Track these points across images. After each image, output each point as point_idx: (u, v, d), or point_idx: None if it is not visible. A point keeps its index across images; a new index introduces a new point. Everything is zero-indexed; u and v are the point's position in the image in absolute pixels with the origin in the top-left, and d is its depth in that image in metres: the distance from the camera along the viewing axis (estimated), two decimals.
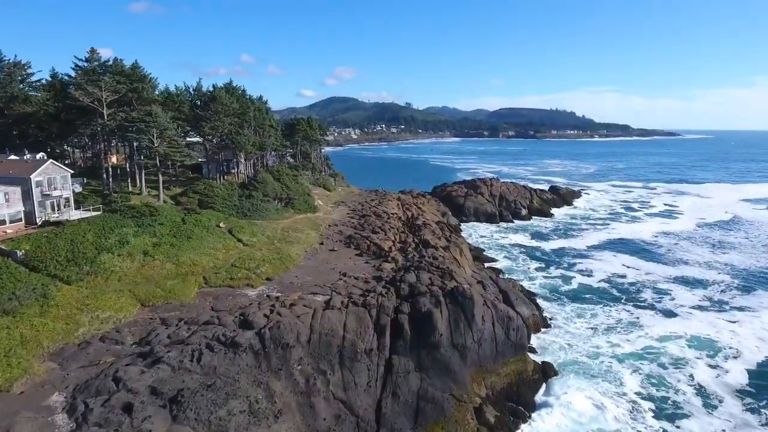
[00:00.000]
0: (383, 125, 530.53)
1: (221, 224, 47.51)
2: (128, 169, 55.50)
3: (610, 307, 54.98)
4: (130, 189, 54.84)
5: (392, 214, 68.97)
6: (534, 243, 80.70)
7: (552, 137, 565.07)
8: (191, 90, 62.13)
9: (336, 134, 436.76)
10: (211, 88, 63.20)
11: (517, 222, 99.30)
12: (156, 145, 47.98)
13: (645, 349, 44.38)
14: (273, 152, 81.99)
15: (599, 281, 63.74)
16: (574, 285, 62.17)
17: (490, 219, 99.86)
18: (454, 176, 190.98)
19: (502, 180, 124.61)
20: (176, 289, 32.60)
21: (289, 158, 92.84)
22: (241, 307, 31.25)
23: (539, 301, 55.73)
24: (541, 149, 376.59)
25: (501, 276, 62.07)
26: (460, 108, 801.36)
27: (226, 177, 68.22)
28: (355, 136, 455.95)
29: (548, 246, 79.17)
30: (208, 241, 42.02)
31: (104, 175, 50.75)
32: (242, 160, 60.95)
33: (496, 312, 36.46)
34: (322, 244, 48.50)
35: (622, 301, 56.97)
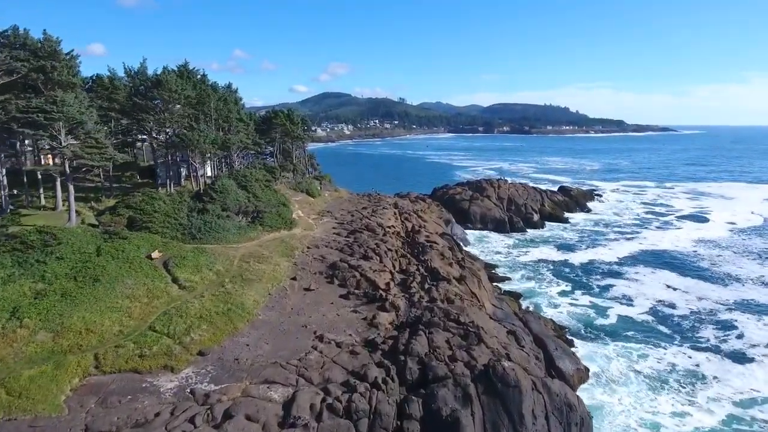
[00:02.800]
0: (377, 121, 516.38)
1: (155, 254, 34.38)
2: (38, 176, 41.96)
3: (664, 349, 43.02)
4: (43, 203, 41.41)
5: (389, 227, 56.15)
6: (559, 257, 68.21)
7: (548, 133, 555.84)
8: (133, 73, 48.55)
9: (328, 130, 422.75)
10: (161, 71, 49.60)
11: (531, 231, 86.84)
12: (64, 144, 34.63)
13: (732, 422, 32.48)
14: (246, 152, 68.60)
15: (643, 312, 51.68)
16: (612, 317, 50.11)
17: (499, 227, 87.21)
18: (453, 174, 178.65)
19: (507, 180, 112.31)
20: (34, 388, 19.53)
21: (268, 159, 79.50)
22: (138, 422, 18.33)
23: (571, 338, 44.33)
24: (538, 145, 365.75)
25: (523, 305, 50.07)
26: (453, 103, 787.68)
27: (184, 183, 54.98)
28: (347, 132, 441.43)
29: (575, 260, 66.77)
30: (126, 285, 28.89)
31: None
32: (196, 163, 47.65)
33: (549, 399, 24.04)
34: (294, 279, 35.51)
35: (677, 341, 44.87)
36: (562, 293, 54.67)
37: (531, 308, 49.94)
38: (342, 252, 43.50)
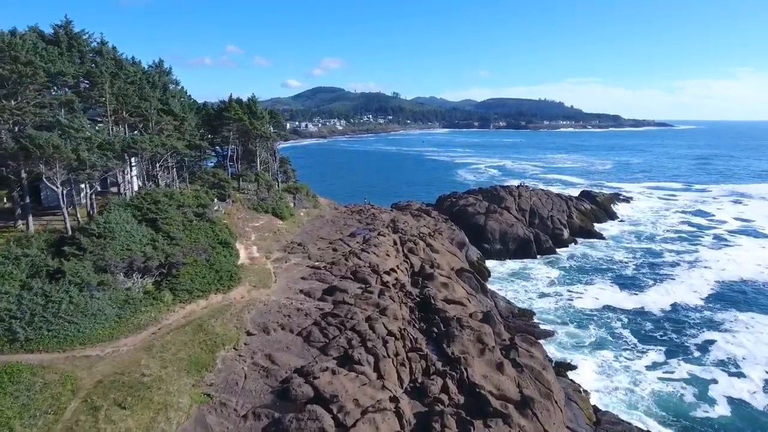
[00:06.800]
0: (370, 116, 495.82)
1: None
2: None
3: None
4: None
5: (387, 273, 37.43)
6: (630, 302, 48.86)
7: (545, 128, 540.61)
8: None
9: (320, 125, 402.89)
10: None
11: (562, 252, 68.75)
12: None
13: None
14: (184, 157, 48.96)
15: (759, 389, 35.15)
16: (721, 402, 34.03)
17: (523, 249, 68.78)
18: (455, 174, 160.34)
19: (527, 186, 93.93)
20: None
21: (229, 166, 59.85)
22: None
23: None
24: (538, 141, 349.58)
25: (595, 394, 32.29)
26: (447, 98, 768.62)
27: (76, 209, 35.55)
28: (340, 128, 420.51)
29: (654, 307, 47.75)
30: None
31: None
32: (57, 183, 28.20)
33: None
34: None
35: None
36: (653, 365, 36.83)
37: (610, 401, 32.17)
38: (308, 342, 24.71)
